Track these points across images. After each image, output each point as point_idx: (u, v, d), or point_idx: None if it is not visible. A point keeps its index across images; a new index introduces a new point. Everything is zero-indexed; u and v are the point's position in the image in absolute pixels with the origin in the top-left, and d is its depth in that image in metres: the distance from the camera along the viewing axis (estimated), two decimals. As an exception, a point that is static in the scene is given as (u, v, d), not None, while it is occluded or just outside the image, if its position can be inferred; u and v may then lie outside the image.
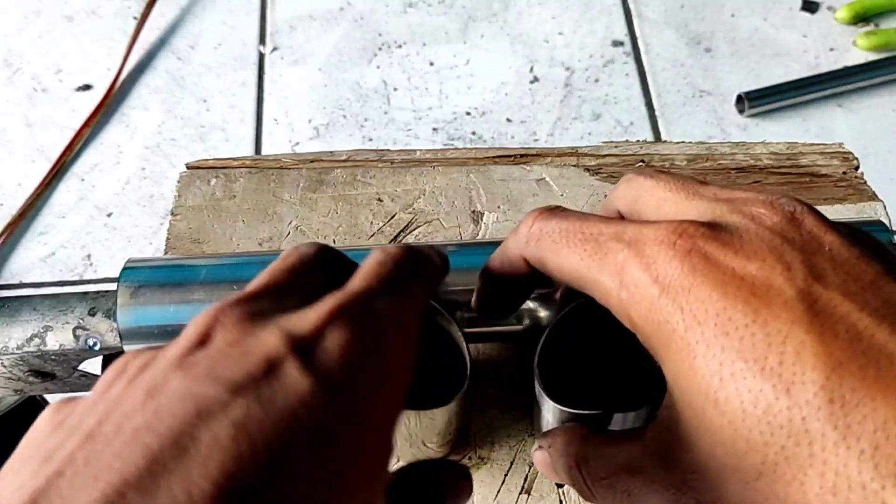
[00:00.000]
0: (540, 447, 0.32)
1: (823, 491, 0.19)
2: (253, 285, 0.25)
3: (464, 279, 0.39)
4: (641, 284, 0.23)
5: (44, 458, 0.19)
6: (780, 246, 0.22)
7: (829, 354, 0.20)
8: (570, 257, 0.26)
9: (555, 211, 0.28)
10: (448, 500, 0.26)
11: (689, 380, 0.22)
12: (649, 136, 0.91)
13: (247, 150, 0.92)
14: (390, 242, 0.47)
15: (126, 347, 0.41)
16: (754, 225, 0.23)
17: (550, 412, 0.32)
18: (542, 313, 0.37)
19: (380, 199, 0.50)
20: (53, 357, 0.43)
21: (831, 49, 1.00)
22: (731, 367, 0.21)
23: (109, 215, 0.88)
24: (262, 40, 1.00)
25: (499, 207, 0.49)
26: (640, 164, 0.48)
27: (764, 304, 0.21)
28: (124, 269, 0.41)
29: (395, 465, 0.26)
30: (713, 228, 0.23)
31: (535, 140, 0.93)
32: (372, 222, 0.49)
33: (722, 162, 0.47)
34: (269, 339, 0.20)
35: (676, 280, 0.23)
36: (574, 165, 0.50)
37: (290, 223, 0.49)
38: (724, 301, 0.22)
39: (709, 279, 0.22)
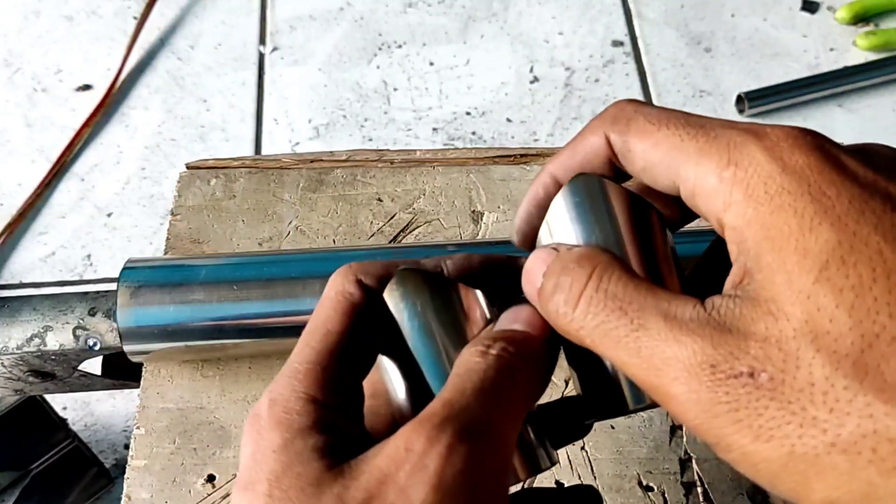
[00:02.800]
0: (550, 248, 0.27)
1: None
2: None
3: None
4: (759, 162, 0.23)
5: None
6: None
7: None
8: (667, 139, 0.25)
9: (650, 104, 0.27)
10: None
11: (802, 245, 0.21)
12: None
13: (247, 150, 0.92)
14: (390, 242, 0.47)
15: (126, 347, 0.41)
16: (878, 155, 0.23)
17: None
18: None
19: (380, 199, 0.50)
20: (53, 357, 0.43)
21: (831, 49, 1.00)
22: (866, 238, 0.21)
23: (109, 215, 0.88)
24: (262, 40, 1.00)
25: (499, 207, 0.49)
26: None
27: None
28: (124, 269, 0.41)
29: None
30: (839, 144, 0.23)
31: (535, 140, 0.93)
32: (372, 222, 0.49)
33: (722, 162, 0.47)
34: None
35: (803, 164, 0.22)
36: (574, 165, 0.50)
37: (290, 223, 0.49)
38: (859, 190, 0.21)
39: (841, 173, 0.22)
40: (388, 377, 0.29)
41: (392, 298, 0.29)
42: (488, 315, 0.29)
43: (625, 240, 0.27)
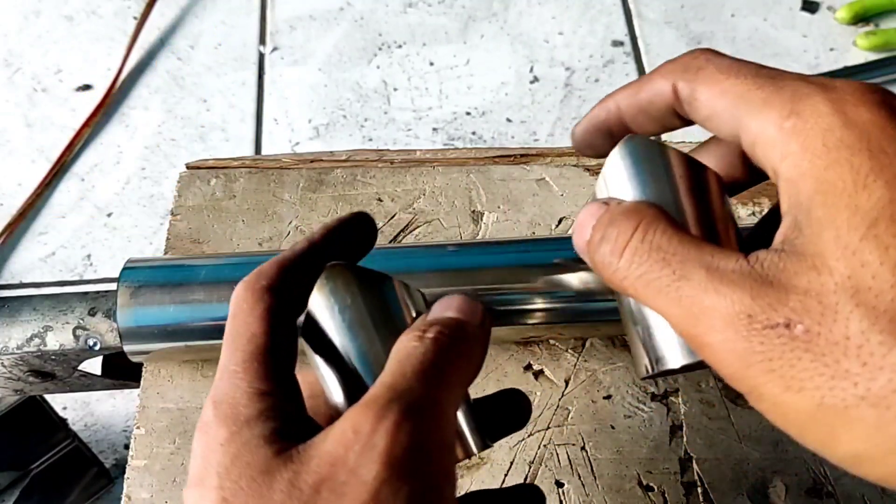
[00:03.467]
0: (601, 202, 0.28)
1: None
2: None
3: (463, 279, 0.40)
4: (822, 113, 0.23)
5: None
6: None
7: None
8: (734, 87, 0.25)
9: (720, 53, 0.27)
10: None
11: (854, 201, 0.21)
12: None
13: (247, 150, 0.92)
14: (390, 242, 0.47)
15: (126, 347, 0.41)
16: None
17: None
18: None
19: (380, 199, 0.50)
20: (53, 357, 0.43)
21: (831, 49, 1.00)
22: None
23: (109, 215, 0.88)
24: (262, 40, 1.00)
25: (499, 207, 0.49)
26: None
27: None
28: (124, 269, 0.41)
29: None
30: None
31: (535, 140, 0.93)
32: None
33: (722, 162, 0.47)
34: None
35: (867, 120, 0.22)
36: (574, 165, 0.50)
37: (290, 223, 0.49)
38: None
39: None
40: (321, 375, 0.30)
41: (321, 295, 0.30)
42: (416, 307, 0.30)
43: (680, 199, 0.27)
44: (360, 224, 0.31)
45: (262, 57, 0.99)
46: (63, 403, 0.81)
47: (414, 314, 0.30)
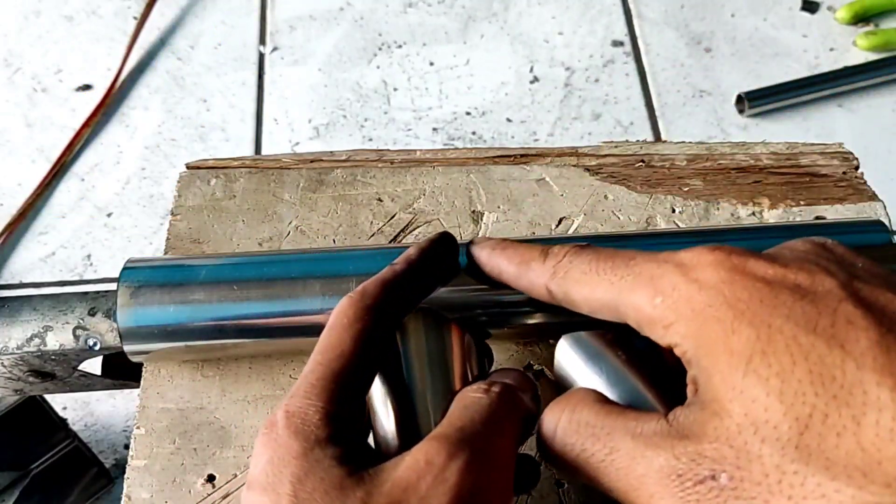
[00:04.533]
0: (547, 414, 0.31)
1: (880, 438, 0.20)
2: None
3: (464, 279, 0.40)
4: (679, 286, 0.25)
5: None
6: (818, 260, 0.25)
7: (880, 322, 0.22)
8: (600, 285, 0.28)
9: (586, 246, 0.30)
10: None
11: (728, 347, 0.23)
12: (649, 136, 0.91)
13: (247, 150, 0.92)
14: (390, 242, 0.48)
15: (126, 347, 0.41)
16: (788, 251, 0.26)
17: None
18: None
19: (380, 199, 0.50)
20: (53, 357, 0.43)
21: (831, 49, 1.00)
22: (780, 328, 0.22)
23: (109, 215, 0.88)
24: (262, 40, 1.00)
25: (499, 207, 0.49)
26: (640, 164, 0.48)
27: (810, 292, 0.23)
28: (124, 269, 0.41)
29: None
30: (747, 252, 0.25)
31: (535, 140, 0.93)
32: (372, 222, 0.49)
33: (722, 162, 0.47)
34: None
35: (716, 280, 0.25)
36: (574, 165, 0.50)
37: (290, 223, 0.49)
38: (768, 289, 0.23)
39: (750, 278, 0.24)
40: (376, 402, 0.31)
41: (398, 334, 0.32)
42: (471, 355, 0.33)
43: (611, 377, 0.30)
44: (449, 244, 0.34)
45: (262, 57, 0.99)
46: (63, 403, 0.81)
47: (471, 363, 0.33)
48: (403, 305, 0.31)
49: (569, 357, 0.32)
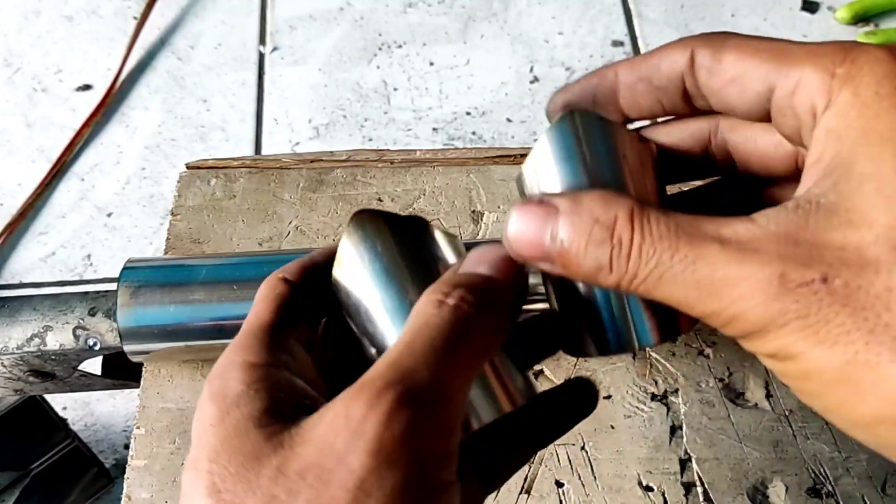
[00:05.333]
0: (544, 202, 0.25)
1: None
2: None
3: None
4: (877, 60, 0.22)
5: None
6: None
7: None
8: (772, 45, 0.24)
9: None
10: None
11: (894, 156, 0.21)
12: (649, 136, 0.91)
13: (247, 150, 0.92)
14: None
15: (126, 347, 0.41)
16: None
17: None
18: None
19: (380, 199, 0.50)
20: (53, 357, 0.43)
21: (831, 49, 1.00)
22: None
23: (109, 215, 0.88)
24: (262, 40, 1.00)
25: (499, 207, 0.49)
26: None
27: None
28: (124, 269, 0.41)
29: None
30: None
31: (535, 140, 0.93)
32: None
33: (722, 162, 0.47)
34: None
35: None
36: (574, 165, 0.50)
37: (290, 223, 0.49)
38: None
39: None
40: (356, 333, 0.28)
41: (350, 243, 0.27)
42: (456, 253, 0.28)
43: (626, 179, 0.26)
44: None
45: (262, 57, 0.99)
46: (63, 403, 0.81)
47: (452, 261, 0.27)
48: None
49: (571, 141, 0.26)
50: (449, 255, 0.28)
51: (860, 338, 0.20)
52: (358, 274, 0.27)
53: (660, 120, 0.29)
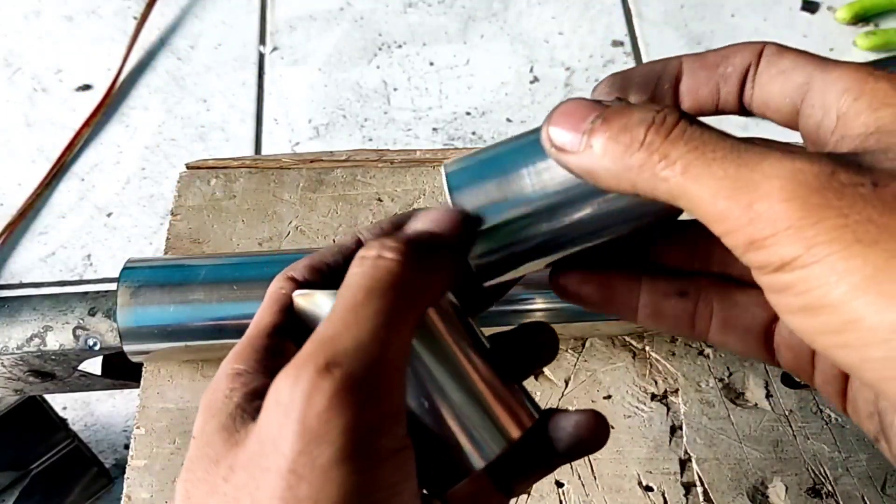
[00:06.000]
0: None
1: None
2: None
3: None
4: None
5: None
6: None
7: None
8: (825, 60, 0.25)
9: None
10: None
11: None
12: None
13: (247, 150, 0.92)
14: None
15: (126, 347, 0.41)
16: None
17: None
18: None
19: (380, 199, 0.50)
20: (53, 357, 0.43)
21: (831, 49, 1.00)
22: None
23: (109, 215, 0.88)
24: (262, 40, 1.00)
25: (499, 207, 0.49)
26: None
27: None
28: (124, 269, 0.41)
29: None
30: None
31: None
32: (372, 222, 0.49)
33: (722, 162, 0.47)
34: None
35: None
36: (574, 165, 0.50)
37: (290, 223, 0.49)
38: None
39: None
40: None
41: None
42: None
43: None
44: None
45: (262, 57, 0.99)
46: (63, 403, 0.81)
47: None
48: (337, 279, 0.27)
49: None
50: None
51: None
52: None
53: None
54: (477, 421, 0.25)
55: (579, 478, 0.41)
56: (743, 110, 0.28)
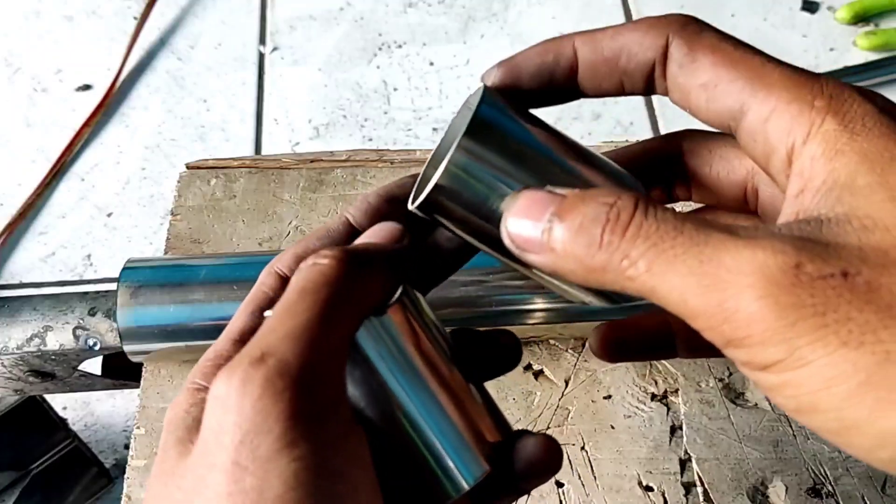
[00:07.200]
0: (547, 192, 0.24)
1: None
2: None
3: (463, 278, 0.40)
4: (856, 101, 0.22)
5: None
6: None
7: None
8: (746, 59, 0.24)
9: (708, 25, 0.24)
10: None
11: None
12: (649, 136, 0.91)
13: (247, 150, 0.92)
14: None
15: (126, 347, 0.41)
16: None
17: None
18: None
19: (380, 199, 0.50)
20: (53, 357, 0.43)
21: (831, 49, 1.00)
22: None
23: (109, 215, 0.88)
24: (262, 40, 1.00)
25: (499, 207, 0.49)
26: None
27: None
28: (124, 269, 0.41)
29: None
30: None
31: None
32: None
33: (722, 162, 0.47)
34: None
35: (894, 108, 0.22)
36: (574, 165, 0.50)
37: (290, 223, 0.49)
38: None
39: None
40: None
41: None
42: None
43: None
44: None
45: (262, 57, 0.99)
46: (63, 403, 0.81)
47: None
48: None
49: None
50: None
51: (888, 337, 0.18)
52: None
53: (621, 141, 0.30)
54: (448, 448, 0.25)
55: (579, 478, 0.41)
56: (654, 92, 0.27)
